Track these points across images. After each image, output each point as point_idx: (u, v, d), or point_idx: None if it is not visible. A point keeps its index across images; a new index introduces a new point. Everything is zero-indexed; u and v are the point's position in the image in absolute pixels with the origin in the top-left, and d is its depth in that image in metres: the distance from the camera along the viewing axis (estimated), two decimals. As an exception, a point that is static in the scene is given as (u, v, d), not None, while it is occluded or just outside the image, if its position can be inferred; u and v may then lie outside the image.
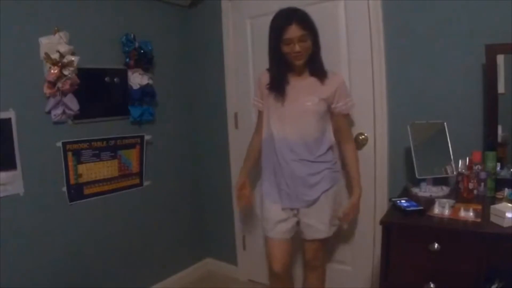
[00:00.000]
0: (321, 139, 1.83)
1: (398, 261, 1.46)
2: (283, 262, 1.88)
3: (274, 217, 1.86)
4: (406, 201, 1.59)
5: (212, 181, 2.82)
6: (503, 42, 1.62)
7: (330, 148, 1.85)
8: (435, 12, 1.83)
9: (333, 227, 1.89)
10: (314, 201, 1.81)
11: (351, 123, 2.07)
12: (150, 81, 2.39)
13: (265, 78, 1.88)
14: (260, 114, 1.99)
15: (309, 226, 1.84)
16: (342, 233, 2.23)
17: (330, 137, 1.85)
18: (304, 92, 1.80)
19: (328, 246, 2.08)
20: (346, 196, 2.01)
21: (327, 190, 1.81)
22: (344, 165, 1.93)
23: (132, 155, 2.36)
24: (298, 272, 2.34)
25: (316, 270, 1.97)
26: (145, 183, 2.46)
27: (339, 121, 1.87)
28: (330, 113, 1.85)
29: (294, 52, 1.71)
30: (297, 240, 1.95)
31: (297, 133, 1.79)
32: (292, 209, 1.86)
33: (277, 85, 1.81)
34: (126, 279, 2.36)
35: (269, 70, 1.86)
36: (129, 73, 2.31)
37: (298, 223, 1.89)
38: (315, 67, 1.80)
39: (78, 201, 2.12)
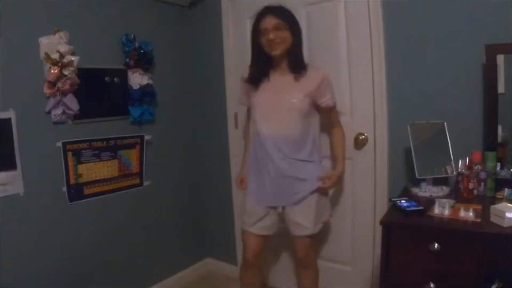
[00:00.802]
0: (306, 136, 1.83)
1: (398, 261, 1.46)
2: (256, 252, 1.92)
3: (256, 214, 1.88)
4: (406, 201, 1.59)
5: (212, 181, 2.82)
6: (503, 42, 1.62)
7: (314, 144, 1.86)
8: (435, 12, 1.83)
9: (319, 225, 1.89)
10: (299, 200, 1.82)
11: (350, 123, 2.07)
12: (150, 81, 2.39)
13: (247, 72, 1.90)
14: (248, 110, 2.02)
15: (295, 224, 1.85)
16: (342, 233, 2.23)
17: (314, 133, 1.87)
18: (288, 89, 1.80)
19: (316, 244, 2.09)
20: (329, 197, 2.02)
21: (313, 190, 1.82)
22: (330, 147, 1.96)
23: (132, 155, 2.36)
24: (290, 271, 2.35)
25: (309, 268, 1.97)
26: (145, 183, 2.46)
27: (328, 114, 1.91)
28: (316, 108, 1.85)
29: (268, 41, 1.71)
30: (287, 239, 1.96)
31: (283, 131, 1.79)
32: (275, 207, 1.87)
33: (256, 79, 1.83)
34: (126, 279, 2.36)
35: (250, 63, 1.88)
36: (129, 73, 2.31)
37: (282, 220, 1.90)
38: (295, 63, 1.80)
39: (78, 201, 2.12)
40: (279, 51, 1.75)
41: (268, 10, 1.74)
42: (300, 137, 1.81)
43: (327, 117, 1.93)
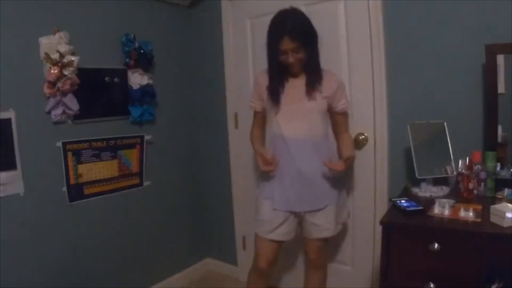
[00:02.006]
0: (327, 139, 1.84)
1: (398, 261, 1.46)
2: (271, 260, 1.87)
3: (275, 220, 1.82)
4: (406, 201, 1.59)
5: (212, 181, 2.82)
6: (503, 42, 1.62)
7: (331, 148, 1.86)
8: (435, 12, 1.83)
9: (339, 226, 1.91)
10: (326, 205, 1.81)
11: (350, 123, 2.07)
12: (150, 81, 2.39)
13: (263, 78, 1.87)
14: (257, 115, 1.98)
15: (316, 226, 1.83)
16: (342, 233, 2.23)
17: (330, 137, 1.88)
18: (304, 92, 1.80)
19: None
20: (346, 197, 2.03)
21: (337, 195, 1.83)
22: (338, 148, 1.89)
23: (132, 155, 2.36)
24: (299, 272, 2.35)
25: (320, 269, 1.97)
26: (145, 183, 2.46)
27: (339, 119, 1.88)
28: (329, 112, 1.86)
29: (287, 62, 1.73)
30: (296, 239, 1.94)
31: (306, 132, 1.79)
32: (297, 212, 1.83)
33: (276, 88, 1.82)
34: (126, 279, 2.36)
35: (268, 72, 1.85)
36: (129, 73, 2.31)
37: (299, 223, 1.89)
38: (312, 72, 1.80)
39: (78, 201, 2.12)
40: (298, 69, 1.79)
41: (285, 30, 1.68)
42: (322, 139, 1.82)
43: (337, 122, 1.89)
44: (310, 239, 1.88)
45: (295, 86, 1.82)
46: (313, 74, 1.80)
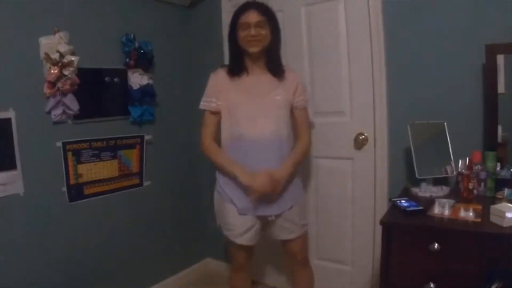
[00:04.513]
0: (291, 137, 1.79)
1: (398, 261, 1.46)
2: (247, 257, 1.89)
3: (242, 224, 1.76)
4: (406, 201, 1.59)
5: (212, 181, 2.81)
6: (503, 42, 1.62)
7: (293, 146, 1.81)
8: (435, 12, 1.83)
9: (305, 226, 1.89)
10: (292, 206, 1.78)
11: (349, 123, 2.07)
12: (150, 81, 2.39)
13: (221, 74, 1.79)
14: (211, 117, 1.80)
15: (283, 228, 1.81)
16: (342, 233, 2.23)
17: (291, 136, 1.81)
18: (269, 87, 1.74)
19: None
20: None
21: (300, 195, 1.81)
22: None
23: (132, 155, 2.36)
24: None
25: (307, 266, 1.95)
26: (145, 183, 2.46)
27: (299, 116, 1.82)
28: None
29: (249, 36, 1.65)
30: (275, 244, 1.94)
31: (271, 131, 1.70)
32: (266, 216, 1.77)
33: (237, 71, 1.74)
34: (126, 279, 2.36)
35: (227, 64, 1.81)
36: (129, 73, 2.31)
37: (264, 226, 1.84)
38: (274, 62, 1.75)
39: (78, 201, 2.11)
40: (258, 48, 1.69)
41: (252, 5, 1.69)
42: (287, 138, 1.76)
43: (297, 119, 1.81)
44: (291, 239, 1.83)
45: (255, 81, 1.74)
46: (277, 67, 1.75)
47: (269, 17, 1.70)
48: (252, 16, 1.65)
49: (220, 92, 1.77)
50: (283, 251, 1.95)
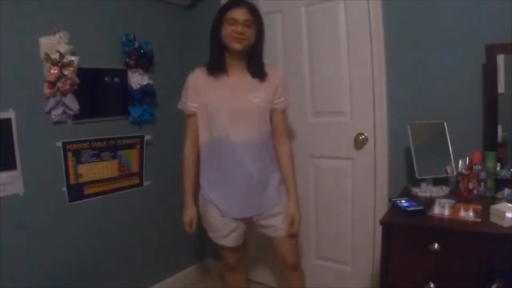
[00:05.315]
0: (269, 139, 1.76)
1: (398, 261, 1.46)
2: (238, 257, 1.90)
3: (225, 226, 1.76)
4: (406, 201, 1.59)
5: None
6: (503, 42, 1.62)
7: (273, 148, 1.78)
8: (435, 12, 1.83)
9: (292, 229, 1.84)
10: (273, 206, 1.76)
11: (349, 123, 2.07)
12: (150, 81, 2.39)
13: (199, 74, 1.74)
14: (191, 120, 1.78)
15: (269, 227, 1.78)
16: (342, 233, 2.23)
17: (271, 137, 1.78)
18: (248, 88, 1.69)
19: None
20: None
21: (283, 194, 1.78)
22: (280, 168, 1.80)
23: (132, 155, 2.36)
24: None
25: (298, 268, 1.91)
26: (145, 183, 2.46)
27: (278, 118, 1.77)
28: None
29: (236, 33, 1.60)
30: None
31: (249, 134, 1.67)
32: (249, 217, 1.77)
33: (216, 68, 1.69)
34: (126, 279, 2.36)
35: (209, 58, 1.75)
36: (129, 73, 2.30)
37: (250, 228, 1.83)
38: (256, 63, 1.70)
39: (78, 201, 2.11)
40: (242, 46, 1.63)
41: (241, 2, 1.64)
42: (268, 140, 1.74)
43: (276, 122, 1.77)
44: (279, 238, 1.78)
45: (237, 82, 1.70)
46: (258, 69, 1.71)
47: (257, 18, 1.67)
48: (241, 13, 1.61)
49: (198, 93, 1.73)
50: (274, 254, 1.89)
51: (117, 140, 2.28)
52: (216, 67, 1.71)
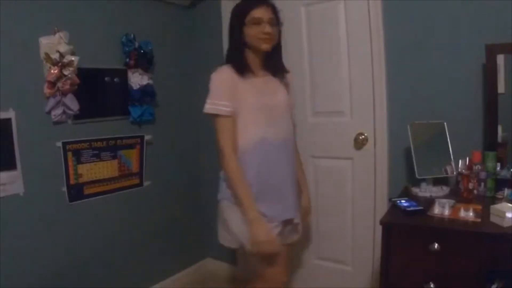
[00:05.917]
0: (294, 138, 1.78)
1: (398, 261, 1.46)
2: (283, 269, 1.72)
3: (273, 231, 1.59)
4: (406, 201, 1.59)
5: (212, 181, 2.81)
6: (503, 42, 1.62)
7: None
8: (435, 12, 1.83)
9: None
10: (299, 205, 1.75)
11: (349, 123, 2.07)
12: (150, 81, 2.39)
13: (229, 73, 1.59)
14: (227, 122, 1.57)
15: (296, 226, 1.72)
16: (342, 233, 2.23)
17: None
18: (274, 88, 1.67)
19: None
20: None
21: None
22: None
23: (132, 155, 2.36)
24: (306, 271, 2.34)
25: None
26: (145, 183, 2.46)
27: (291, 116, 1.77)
28: None
29: (263, 33, 1.53)
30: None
31: (287, 133, 1.66)
32: (291, 219, 1.68)
33: (244, 70, 1.60)
34: (126, 279, 2.36)
35: (229, 59, 1.64)
36: (129, 73, 2.31)
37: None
38: (277, 64, 1.67)
39: (78, 201, 2.12)
40: (270, 46, 1.58)
41: (264, 1, 1.58)
42: (294, 139, 1.75)
43: None
44: (292, 243, 1.77)
45: (264, 81, 1.65)
46: (280, 67, 1.70)
47: (279, 17, 1.64)
48: (265, 12, 1.55)
49: (233, 93, 1.57)
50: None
51: (117, 140, 2.28)
52: (244, 68, 1.61)
